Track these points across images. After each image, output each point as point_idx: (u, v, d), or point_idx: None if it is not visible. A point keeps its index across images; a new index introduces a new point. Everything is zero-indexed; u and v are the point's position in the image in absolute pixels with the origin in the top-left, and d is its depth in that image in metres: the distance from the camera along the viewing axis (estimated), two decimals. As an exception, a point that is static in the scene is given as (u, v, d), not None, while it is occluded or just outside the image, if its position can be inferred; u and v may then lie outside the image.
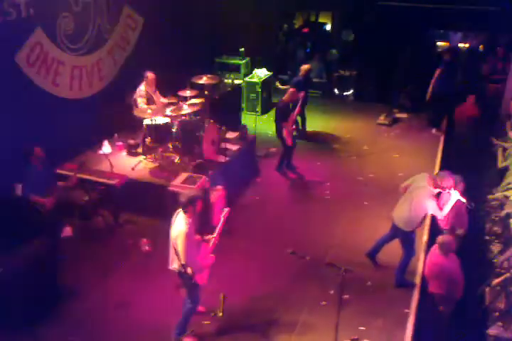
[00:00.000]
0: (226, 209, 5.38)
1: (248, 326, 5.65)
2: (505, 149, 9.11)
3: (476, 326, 5.82)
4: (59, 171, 7.30)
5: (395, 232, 6.20)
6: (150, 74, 8.14)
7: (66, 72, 7.73)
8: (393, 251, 6.36)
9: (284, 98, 8.58)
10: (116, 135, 8.58)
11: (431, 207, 5.82)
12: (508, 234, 6.77)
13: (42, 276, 5.69)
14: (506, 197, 7.55)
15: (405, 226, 6.00)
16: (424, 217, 6.14)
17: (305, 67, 10.15)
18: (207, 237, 5.19)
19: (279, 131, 8.65)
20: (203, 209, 6.02)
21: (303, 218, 7.70)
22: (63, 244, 6.63)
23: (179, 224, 4.86)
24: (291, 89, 8.63)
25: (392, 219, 6.19)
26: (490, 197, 8.06)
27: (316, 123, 11.00)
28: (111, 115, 8.33)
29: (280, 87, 10.07)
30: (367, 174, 9.09)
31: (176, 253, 4.86)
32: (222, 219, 5.28)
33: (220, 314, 5.62)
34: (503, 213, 7.22)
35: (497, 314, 5.76)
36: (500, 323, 5.61)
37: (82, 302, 5.89)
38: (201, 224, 6.13)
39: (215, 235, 5.19)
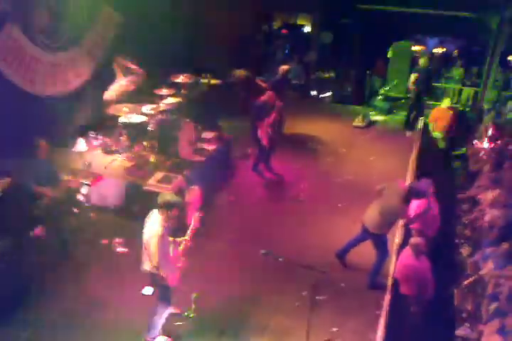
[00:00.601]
0: (197, 213, 5.36)
1: (221, 327, 5.64)
2: (477, 152, 9.29)
3: (445, 327, 5.93)
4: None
5: (365, 235, 6.28)
6: (119, 59, 8.04)
7: (42, 69, 7.60)
8: (366, 252, 6.43)
9: (261, 98, 8.57)
10: (91, 133, 8.48)
11: (401, 214, 5.94)
12: (477, 237, 6.92)
13: (13, 275, 5.60)
14: (475, 199, 7.72)
15: (376, 230, 6.09)
16: (395, 222, 6.24)
17: (283, 67, 10.19)
18: (179, 239, 5.16)
19: (253, 131, 8.65)
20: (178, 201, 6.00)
21: (278, 219, 7.73)
22: (36, 244, 6.55)
23: (153, 225, 4.82)
24: (270, 93, 8.62)
25: (362, 223, 6.26)
26: (459, 196, 8.22)
27: (293, 124, 11.04)
28: (86, 112, 8.24)
29: (260, 83, 10.08)
30: (342, 176, 9.16)
31: (148, 254, 4.83)
32: (193, 222, 5.26)
33: (192, 315, 5.61)
34: (473, 217, 7.37)
35: (465, 315, 5.88)
36: (467, 324, 5.73)
37: (56, 302, 5.81)
38: (176, 225, 6.13)
39: (187, 237, 5.15)
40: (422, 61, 11.19)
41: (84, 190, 7.12)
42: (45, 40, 7.57)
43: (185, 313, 5.65)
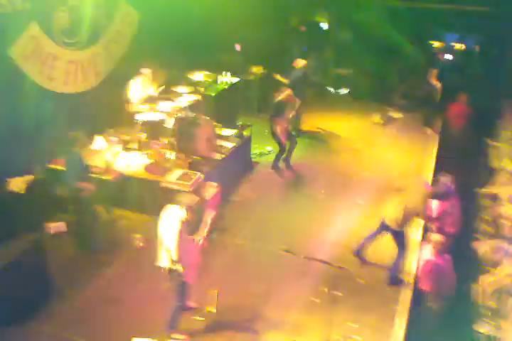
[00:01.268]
0: (213, 212, 5.38)
1: (240, 323, 5.67)
2: (497, 148, 9.17)
3: (465, 323, 5.87)
4: (51, 166, 7.32)
5: (383, 231, 6.26)
6: (146, 70, 8.14)
7: (61, 67, 7.71)
8: (385, 249, 6.40)
9: (279, 96, 8.58)
10: (111, 130, 8.56)
11: (422, 212, 5.90)
12: (498, 232, 6.84)
13: (34, 272, 5.68)
14: (495, 195, 7.63)
15: (396, 226, 6.06)
16: (415, 219, 6.20)
17: (302, 62, 10.18)
18: (196, 236, 5.19)
19: (273, 127, 8.66)
20: (196, 207, 6.04)
21: (296, 216, 7.72)
22: (55, 240, 6.66)
23: (172, 221, 4.86)
24: (287, 91, 8.62)
25: (382, 218, 6.24)
26: (479, 190, 8.13)
27: (311, 121, 11.02)
28: (106, 110, 8.32)
29: (280, 79, 10.08)
30: (361, 173, 9.12)
31: (167, 250, 4.86)
32: (209, 220, 5.29)
33: (213, 310, 5.64)
34: (493, 212, 7.28)
35: (485, 311, 5.81)
36: (488, 320, 5.67)
37: (74, 297, 5.89)
38: (195, 222, 6.17)
39: (204, 234, 5.18)
40: (441, 57, 11.06)
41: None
42: (64, 38, 7.67)
43: (206, 309, 5.68)
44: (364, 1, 13.40)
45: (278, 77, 10.27)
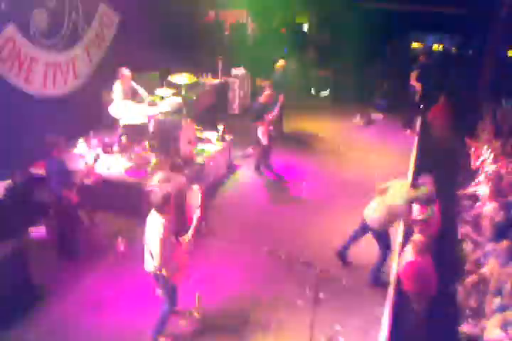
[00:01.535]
0: (198, 211, 5.35)
1: (224, 326, 5.65)
2: (476, 149, 9.29)
3: (448, 323, 5.93)
4: (31, 170, 7.22)
5: (364, 230, 6.30)
6: (125, 71, 8.06)
7: (40, 69, 7.60)
8: (368, 250, 6.44)
9: (260, 99, 8.58)
10: (91, 133, 8.48)
11: (403, 215, 5.98)
12: (479, 233, 6.92)
13: (16, 277, 5.58)
14: (475, 195, 7.73)
15: (377, 226, 6.10)
16: (396, 220, 6.24)
17: (281, 62, 10.22)
18: (181, 238, 5.16)
19: (256, 130, 8.65)
20: (179, 209, 6.00)
21: (279, 218, 7.73)
22: (36, 245, 6.55)
23: (155, 226, 4.82)
24: (268, 92, 8.63)
25: (362, 218, 6.27)
26: (460, 193, 8.24)
27: (292, 123, 11.05)
28: (86, 113, 8.23)
29: (262, 82, 10.11)
30: (343, 174, 9.18)
31: (151, 254, 4.82)
32: (194, 220, 5.25)
33: (197, 314, 5.61)
34: (474, 213, 7.38)
35: (468, 311, 5.88)
36: (471, 320, 5.74)
37: (57, 303, 5.80)
38: (178, 225, 6.13)
39: (188, 236, 5.15)
40: (420, 58, 11.19)
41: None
42: (42, 40, 7.56)
43: (190, 313, 5.65)
44: (343, 3, 13.51)
45: (258, 81, 10.28)
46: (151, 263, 4.94)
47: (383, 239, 6.22)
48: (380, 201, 6.18)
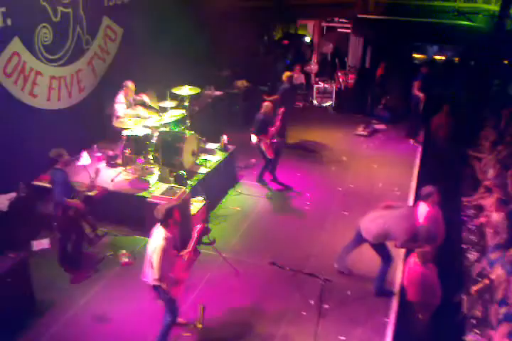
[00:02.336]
0: (199, 226, 5.35)
1: (228, 337, 5.62)
2: (479, 159, 9.29)
3: (454, 333, 5.88)
4: (36, 182, 7.26)
5: (360, 241, 6.26)
6: (129, 84, 8.14)
7: (44, 83, 7.69)
8: (371, 260, 6.41)
9: (261, 111, 8.63)
10: (95, 146, 8.53)
11: (400, 239, 5.91)
12: (484, 242, 6.89)
13: (19, 289, 5.59)
14: (480, 205, 7.71)
15: (371, 238, 6.07)
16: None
17: (287, 74, 10.29)
18: (182, 252, 5.15)
19: (258, 142, 8.68)
20: (183, 221, 6.01)
21: (283, 229, 7.73)
22: (40, 257, 6.57)
23: (157, 239, 4.83)
24: (268, 103, 8.67)
25: (358, 226, 6.23)
26: (465, 202, 8.23)
27: (295, 134, 11.08)
28: (90, 126, 8.30)
29: (267, 98, 10.18)
30: (346, 184, 9.17)
31: (152, 267, 4.83)
32: (195, 234, 5.25)
33: (200, 326, 5.59)
34: (478, 222, 7.36)
35: (474, 321, 5.83)
36: (477, 330, 5.69)
37: (60, 315, 5.80)
38: (182, 237, 6.14)
39: (189, 249, 5.14)
40: (423, 68, 11.23)
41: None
42: (47, 54, 7.66)
43: (193, 324, 5.63)
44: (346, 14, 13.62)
45: (265, 97, 10.34)
46: (150, 275, 4.94)
47: (381, 250, 6.17)
48: (382, 215, 6.12)
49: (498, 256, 6.26)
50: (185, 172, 7.59)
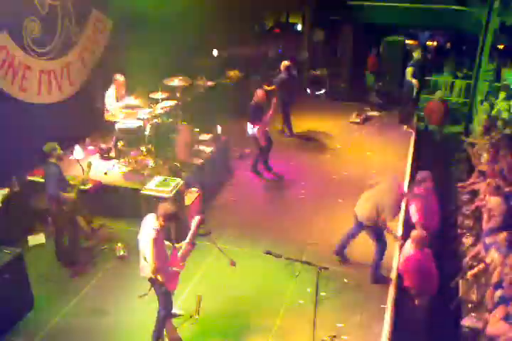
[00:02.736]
0: (197, 217, 5.33)
1: (225, 327, 5.63)
2: (473, 145, 9.31)
3: (451, 318, 5.93)
4: (29, 177, 7.23)
5: (359, 227, 6.29)
6: (119, 77, 8.08)
7: (34, 77, 7.61)
8: (367, 246, 6.43)
9: (254, 99, 8.59)
10: (87, 139, 8.48)
11: (394, 210, 5.95)
12: (479, 226, 6.93)
13: (15, 285, 5.58)
14: (474, 190, 7.74)
15: (369, 221, 6.09)
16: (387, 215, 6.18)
17: (284, 63, 10.24)
18: (178, 244, 5.14)
19: (252, 132, 8.65)
20: (177, 213, 5.99)
21: (278, 218, 7.73)
22: (35, 252, 6.56)
23: (148, 230, 4.81)
24: (259, 92, 8.63)
25: (355, 214, 6.26)
26: (459, 187, 8.25)
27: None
28: (82, 119, 8.23)
29: (267, 88, 10.15)
30: (341, 172, 9.18)
31: (146, 259, 4.82)
32: (193, 227, 5.24)
33: (197, 316, 5.60)
34: (474, 207, 7.38)
35: (471, 305, 5.88)
36: (473, 314, 5.74)
37: (57, 310, 5.80)
38: (177, 228, 6.13)
39: (187, 241, 5.13)
40: (415, 54, 11.21)
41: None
42: (36, 47, 7.57)
43: (189, 315, 5.64)
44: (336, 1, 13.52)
45: (265, 87, 10.29)
46: (145, 269, 4.93)
47: (377, 234, 6.17)
48: (370, 195, 6.17)
49: (493, 240, 6.29)
50: (179, 164, 7.57)
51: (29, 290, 5.77)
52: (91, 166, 6.46)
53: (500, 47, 13.35)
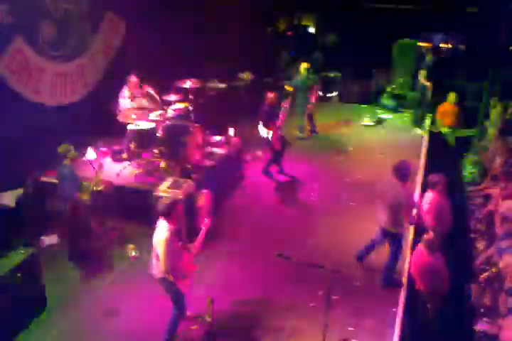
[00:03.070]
0: (207, 220, 5.35)
1: (237, 330, 5.63)
2: (486, 147, 9.22)
3: (463, 322, 5.87)
4: (43, 179, 7.29)
5: (383, 237, 6.25)
6: (132, 78, 8.12)
7: (48, 79, 7.69)
8: (380, 251, 6.39)
9: (265, 102, 8.59)
10: (100, 141, 8.54)
11: (404, 200, 5.89)
12: (492, 231, 6.85)
13: (28, 285, 5.63)
14: (487, 193, 7.66)
15: (391, 226, 6.03)
16: (406, 215, 6.14)
17: (304, 65, 10.27)
18: (189, 245, 5.16)
19: (264, 135, 8.64)
20: (189, 214, 6.01)
21: (290, 220, 7.72)
22: (48, 253, 6.61)
23: (161, 231, 4.84)
24: (271, 94, 8.63)
25: (379, 224, 6.23)
26: (472, 190, 8.18)
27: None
28: (95, 121, 8.29)
29: (288, 89, 10.24)
30: (353, 175, 9.14)
31: (158, 259, 4.84)
32: (203, 228, 5.25)
33: (209, 319, 5.60)
34: (486, 211, 7.31)
35: (483, 310, 5.81)
36: (486, 319, 5.67)
37: (70, 311, 5.84)
38: (188, 229, 6.15)
39: (197, 243, 5.15)
40: (428, 57, 11.15)
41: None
42: (50, 50, 7.65)
43: (201, 317, 5.64)
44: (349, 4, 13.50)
45: (287, 87, 10.37)
46: (156, 268, 4.95)
47: (397, 241, 6.14)
48: (380, 201, 6.12)
49: (507, 244, 6.22)
50: (190, 166, 7.59)
51: (42, 290, 5.82)
52: (102, 168, 6.51)
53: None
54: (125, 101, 8.10)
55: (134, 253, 6.74)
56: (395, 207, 5.91)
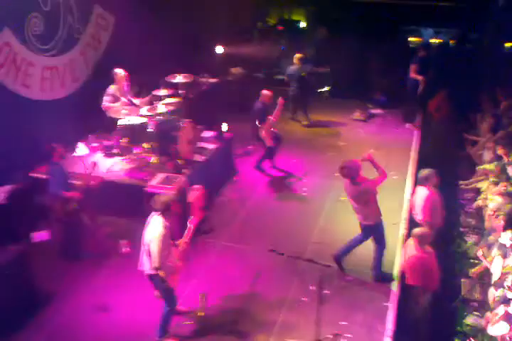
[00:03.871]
0: (198, 214, 5.35)
1: (229, 325, 5.64)
2: (475, 142, 9.27)
3: (454, 316, 5.92)
4: (31, 174, 7.22)
5: (363, 235, 6.28)
6: (119, 72, 8.04)
7: (36, 73, 7.60)
8: (371, 246, 6.42)
9: (260, 99, 8.58)
10: (91, 136, 8.47)
11: (363, 190, 5.96)
12: (482, 225, 6.91)
13: (19, 281, 5.59)
14: (478, 188, 7.72)
15: (364, 219, 6.10)
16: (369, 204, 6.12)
17: (298, 55, 10.31)
18: (177, 241, 5.15)
19: (255, 131, 8.63)
20: (180, 209, 5.99)
21: (281, 215, 7.73)
22: (39, 249, 6.56)
23: (155, 227, 4.82)
24: (265, 91, 8.62)
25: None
26: (462, 185, 8.23)
27: (292, 119, 11.05)
28: (85, 116, 8.23)
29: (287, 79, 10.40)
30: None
31: (149, 255, 4.82)
32: (189, 225, 5.25)
33: (201, 313, 5.61)
34: (476, 205, 7.36)
35: (473, 304, 5.87)
36: (476, 313, 5.73)
37: (61, 306, 5.82)
38: (180, 225, 6.13)
39: (185, 239, 5.14)
40: (418, 52, 11.16)
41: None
42: (39, 44, 7.56)
43: (194, 312, 5.65)
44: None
45: (286, 78, 10.46)
46: (147, 264, 4.94)
47: (376, 232, 6.16)
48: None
49: (495, 238, 6.27)
50: (182, 161, 7.56)
51: (33, 287, 5.79)
52: (95, 167, 6.48)
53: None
54: (108, 98, 8.00)
55: (125, 249, 6.71)
56: (358, 201, 5.98)
